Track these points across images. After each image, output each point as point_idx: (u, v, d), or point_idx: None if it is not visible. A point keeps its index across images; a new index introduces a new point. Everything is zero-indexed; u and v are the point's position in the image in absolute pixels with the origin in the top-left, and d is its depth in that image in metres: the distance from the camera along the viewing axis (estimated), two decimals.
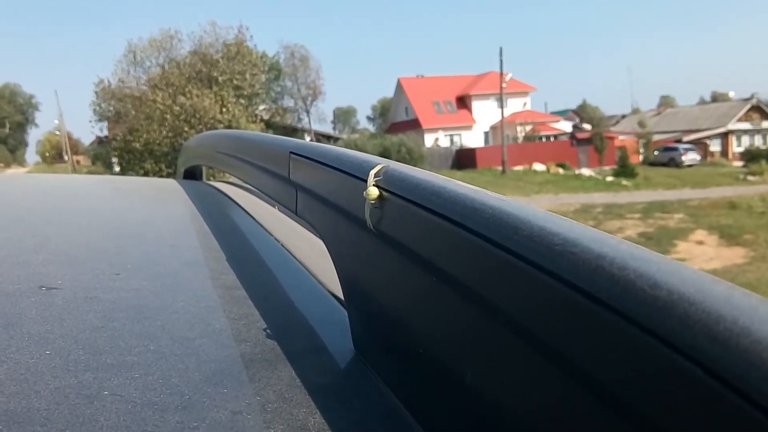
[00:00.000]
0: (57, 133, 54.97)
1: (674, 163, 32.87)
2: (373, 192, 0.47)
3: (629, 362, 0.25)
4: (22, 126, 69.46)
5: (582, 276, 0.28)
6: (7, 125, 66.26)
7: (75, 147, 52.75)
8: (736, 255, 12.12)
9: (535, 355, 0.31)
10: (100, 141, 30.12)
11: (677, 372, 0.23)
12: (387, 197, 0.46)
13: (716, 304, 0.23)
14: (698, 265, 11.14)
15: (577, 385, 0.28)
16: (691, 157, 33.47)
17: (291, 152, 0.70)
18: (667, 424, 0.23)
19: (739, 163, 35.23)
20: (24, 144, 71.41)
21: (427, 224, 0.41)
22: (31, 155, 71.04)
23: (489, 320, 0.35)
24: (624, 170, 27.81)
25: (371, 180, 0.48)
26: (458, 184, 0.42)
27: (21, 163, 63.97)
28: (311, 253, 0.92)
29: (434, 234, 0.40)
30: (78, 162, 48.97)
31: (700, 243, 13.45)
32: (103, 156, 28.09)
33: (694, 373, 0.22)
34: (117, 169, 23.32)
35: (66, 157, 48.69)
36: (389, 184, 0.47)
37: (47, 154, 58.57)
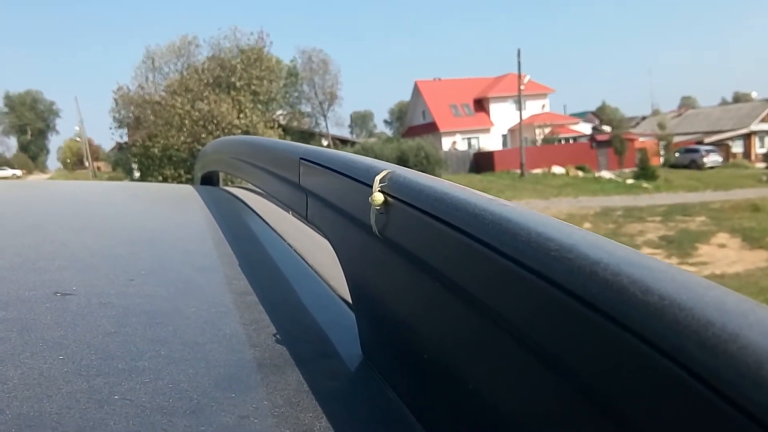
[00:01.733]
0: (78, 139, 55.69)
1: (695, 165, 32.50)
2: (378, 198, 0.47)
3: (623, 367, 0.25)
4: (43, 133, 70.44)
5: (577, 282, 0.28)
6: (29, 132, 67.28)
7: (96, 153, 53.33)
8: (759, 258, 11.93)
9: (536, 361, 0.31)
10: (120, 147, 30.40)
11: (667, 377, 0.23)
12: (392, 203, 0.46)
13: (707, 309, 0.23)
14: (720, 269, 11.00)
15: (575, 391, 0.29)
16: (712, 158, 33.08)
17: (301, 158, 0.70)
18: (655, 427, 0.24)
19: (762, 165, 34.80)
20: (45, 151, 72.41)
21: (429, 230, 0.41)
22: (53, 162, 72.06)
23: (491, 326, 0.35)
24: (644, 173, 27.57)
25: (376, 186, 0.48)
26: (462, 190, 0.42)
27: (42, 170, 64.78)
28: (324, 258, 0.92)
29: (437, 240, 0.40)
30: (99, 168, 49.50)
31: (723, 246, 13.26)
32: (124, 162, 28.38)
33: (682, 379, 0.22)
34: (137, 174, 23.52)
35: (87, 164, 49.30)
36: (393, 189, 0.47)
37: (68, 161, 59.30)
